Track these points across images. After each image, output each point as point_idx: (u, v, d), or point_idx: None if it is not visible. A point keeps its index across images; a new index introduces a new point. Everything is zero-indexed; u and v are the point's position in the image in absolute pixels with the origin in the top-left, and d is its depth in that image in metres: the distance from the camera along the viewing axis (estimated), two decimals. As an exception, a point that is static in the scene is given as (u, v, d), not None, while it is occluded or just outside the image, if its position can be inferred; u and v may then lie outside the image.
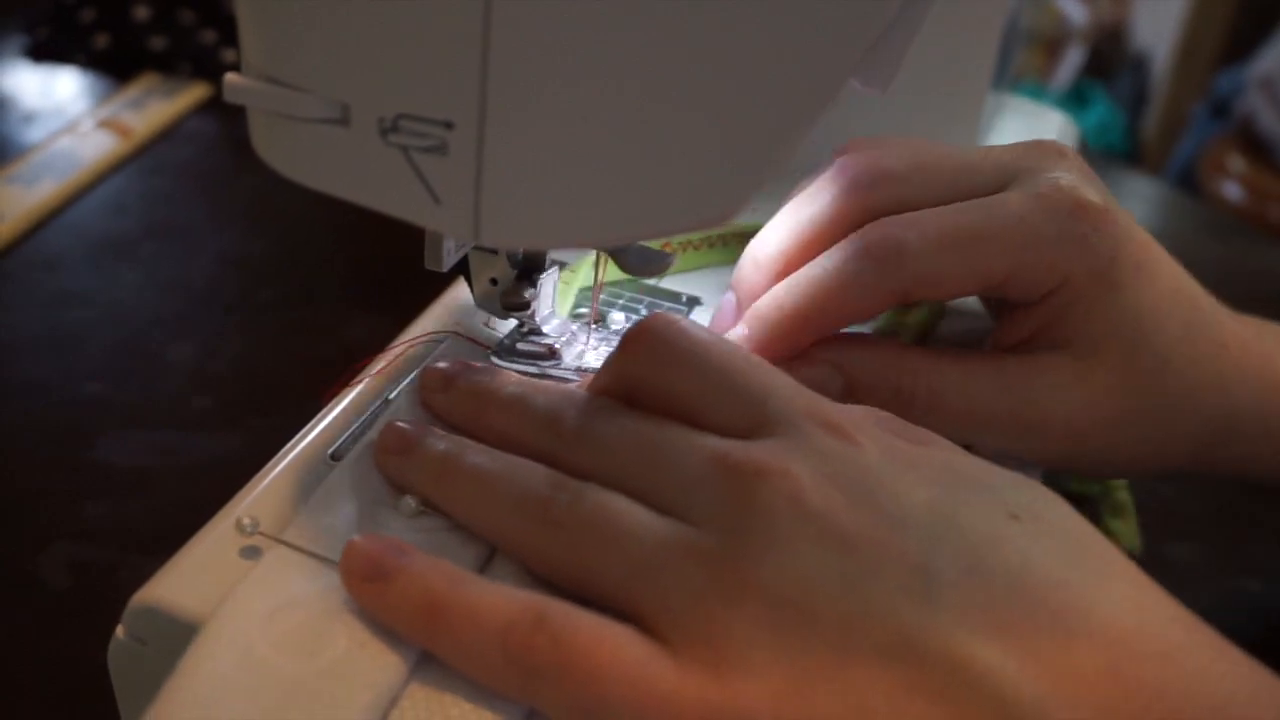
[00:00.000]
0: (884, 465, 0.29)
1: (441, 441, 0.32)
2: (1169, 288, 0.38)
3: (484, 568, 0.31)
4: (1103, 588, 0.28)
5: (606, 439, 0.31)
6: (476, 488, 0.31)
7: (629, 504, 0.29)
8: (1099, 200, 0.36)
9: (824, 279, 0.36)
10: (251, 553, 0.31)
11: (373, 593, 0.29)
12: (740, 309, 0.40)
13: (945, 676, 0.25)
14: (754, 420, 0.30)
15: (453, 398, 0.35)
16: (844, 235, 0.37)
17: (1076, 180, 0.37)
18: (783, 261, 0.39)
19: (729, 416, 0.30)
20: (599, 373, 0.34)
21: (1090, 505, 0.51)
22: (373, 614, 0.29)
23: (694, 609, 0.27)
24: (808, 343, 0.38)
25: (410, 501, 0.32)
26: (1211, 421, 0.39)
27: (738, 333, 0.38)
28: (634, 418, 0.31)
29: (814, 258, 0.38)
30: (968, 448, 0.39)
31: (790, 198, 0.40)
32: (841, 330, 0.38)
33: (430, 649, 0.28)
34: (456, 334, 0.41)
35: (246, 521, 0.31)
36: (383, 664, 0.28)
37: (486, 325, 0.42)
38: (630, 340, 0.32)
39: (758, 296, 0.39)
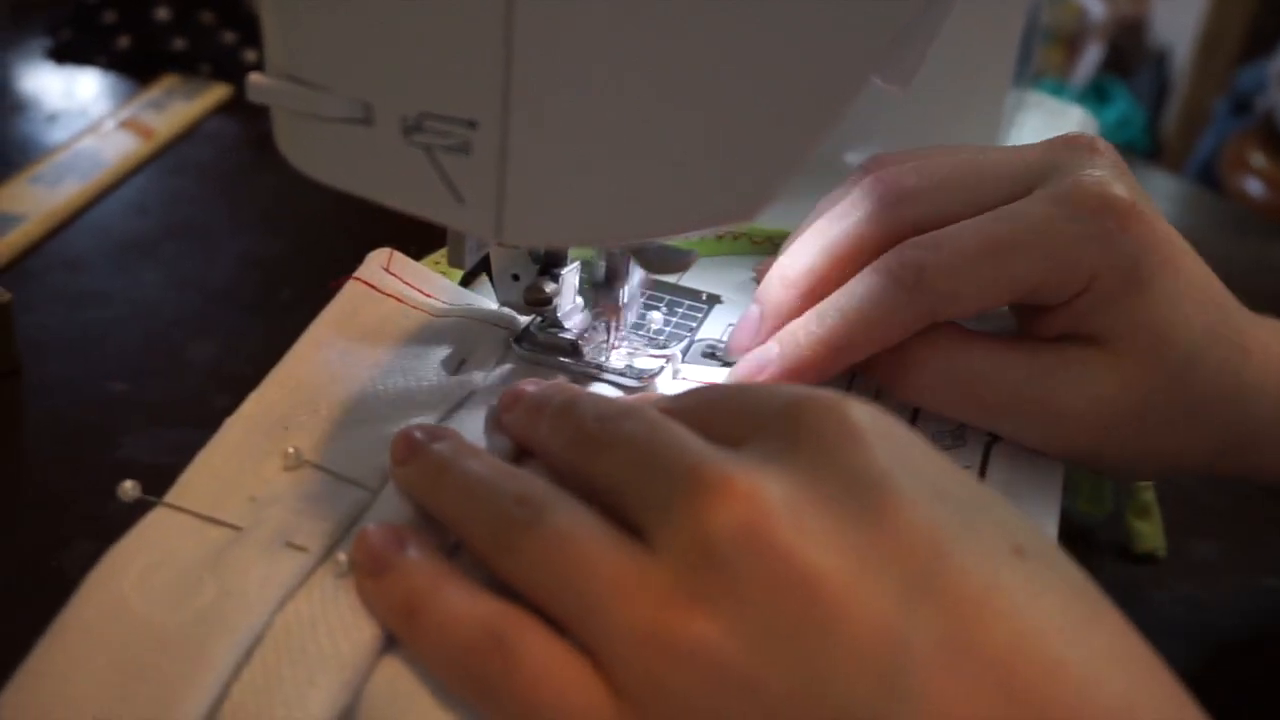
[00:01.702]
0: (889, 472, 0.27)
1: (442, 447, 0.32)
2: (1196, 286, 0.38)
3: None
4: (1101, 671, 0.25)
5: (613, 440, 0.30)
6: (461, 497, 0.31)
7: (593, 526, 0.28)
8: (1126, 195, 0.36)
9: (852, 309, 0.36)
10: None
11: (368, 589, 0.29)
12: (764, 324, 0.40)
13: None
14: (748, 422, 0.29)
15: (515, 415, 0.35)
16: (872, 254, 0.37)
17: (1107, 175, 0.37)
18: (811, 280, 0.39)
19: (729, 424, 0.29)
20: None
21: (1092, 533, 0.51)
22: (370, 610, 0.29)
23: (634, 660, 0.25)
24: (838, 370, 0.38)
25: (291, 450, 0.33)
26: (1233, 426, 0.39)
27: (769, 351, 0.38)
28: (652, 423, 0.30)
29: (842, 276, 0.38)
30: (993, 441, 0.39)
31: (815, 214, 0.40)
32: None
33: (410, 648, 0.28)
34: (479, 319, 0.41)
35: (129, 485, 0.32)
36: (249, 609, 0.28)
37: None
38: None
39: (784, 314, 0.39)
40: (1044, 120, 0.72)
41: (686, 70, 0.25)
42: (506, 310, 0.42)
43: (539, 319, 0.41)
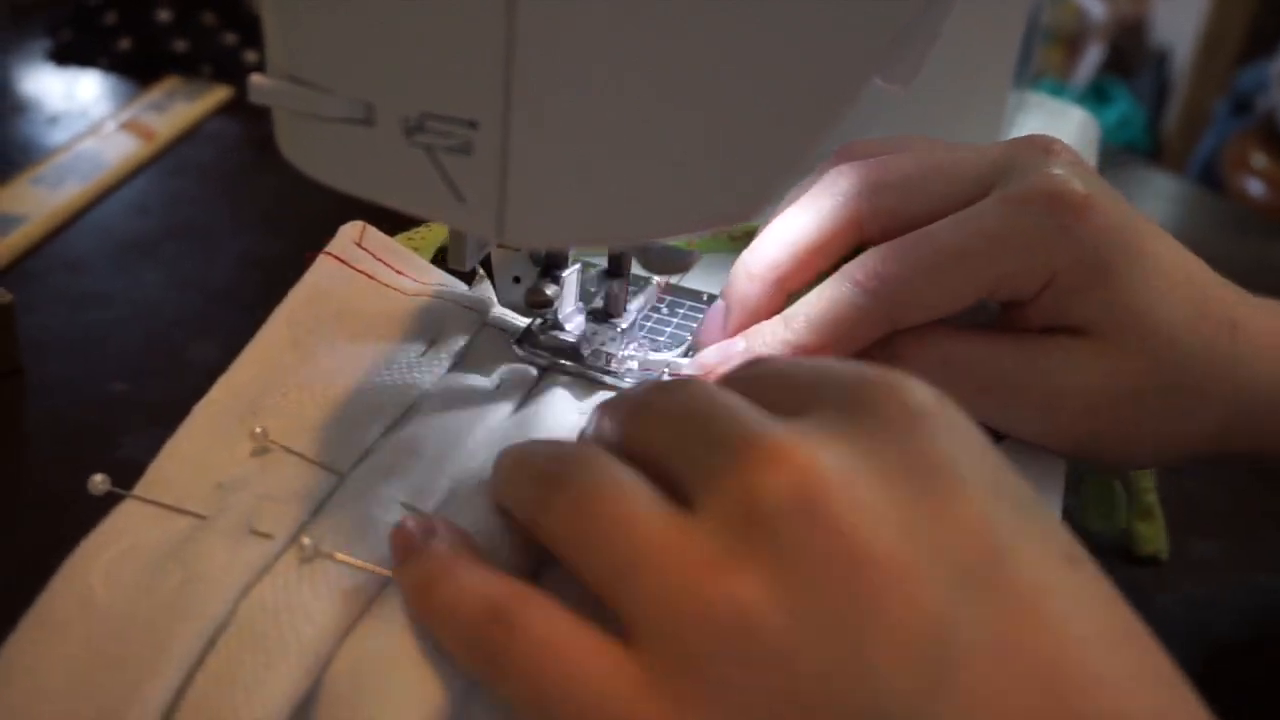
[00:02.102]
0: (952, 459, 0.26)
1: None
2: (1171, 269, 0.38)
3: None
4: (1135, 688, 0.24)
5: (666, 407, 0.29)
6: (507, 463, 0.31)
7: (633, 486, 0.27)
8: (1080, 189, 0.36)
9: (818, 316, 0.37)
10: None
11: (397, 575, 0.29)
12: (731, 318, 0.40)
13: None
14: (806, 396, 0.28)
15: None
16: (835, 249, 0.38)
17: (1063, 173, 0.37)
18: (775, 274, 0.39)
19: (787, 396, 0.28)
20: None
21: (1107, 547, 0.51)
22: (405, 600, 0.29)
23: (662, 622, 0.24)
24: None
25: (258, 430, 0.33)
26: (1230, 402, 0.39)
27: (735, 345, 0.38)
28: (708, 390, 0.29)
29: (805, 270, 0.38)
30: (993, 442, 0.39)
31: (786, 201, 0.40)
32: None
33: (426, 627, 0.28)
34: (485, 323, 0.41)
35: (98, 479, 0.32)
36: (212, 597, 0.28)
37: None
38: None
39: (750, 308, 0.39)
40: (1045, 121, 0.72)
41: (687, 70, 0.25)
42: (479, 292, 0.42)
43: (542, 322, 0.41)
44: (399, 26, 0.25)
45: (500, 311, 0.42)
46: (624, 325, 0.40)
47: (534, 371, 0.40)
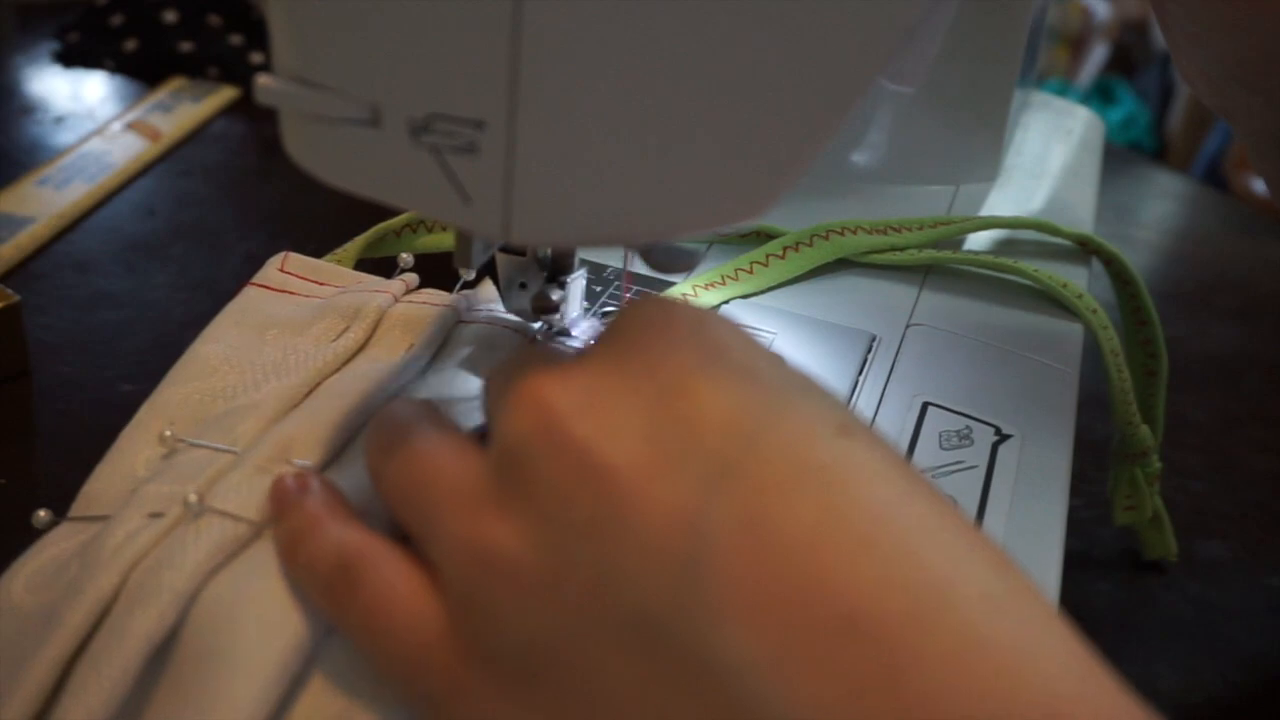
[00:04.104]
0: (693, 360, 0.25)
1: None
2: None
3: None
4: (914, 544, 0.23)
5: (499, 368, 0.30)
6: (372, 425, 0.31)
7: (444, 438, 0.28)
8: None
9: None
10: None
11: (274, 533, 0.30)
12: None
13: (690, 669, 0.22)
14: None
15: None
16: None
17: None
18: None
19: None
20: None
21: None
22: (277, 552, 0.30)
23: (453, 569, 0.26)
24: None
25: (167, 434, 0.34)
26: None
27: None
28: (536, 349, 0.31)
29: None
30: (1000, 440, 0.39)
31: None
32: None
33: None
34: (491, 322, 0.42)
35: (43, 514, 0.34)
36: (100, 572, 0.29)
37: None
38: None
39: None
40: (1050, 120, 0.72)
41: (693, 70, 0.25)
42: (398, 280, 0.42)
43: (548, 327, 0.41)
44: (405, 27, 0.25)
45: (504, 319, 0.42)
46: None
47: None
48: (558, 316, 0.39)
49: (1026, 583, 0.23)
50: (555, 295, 0.38)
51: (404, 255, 0.44)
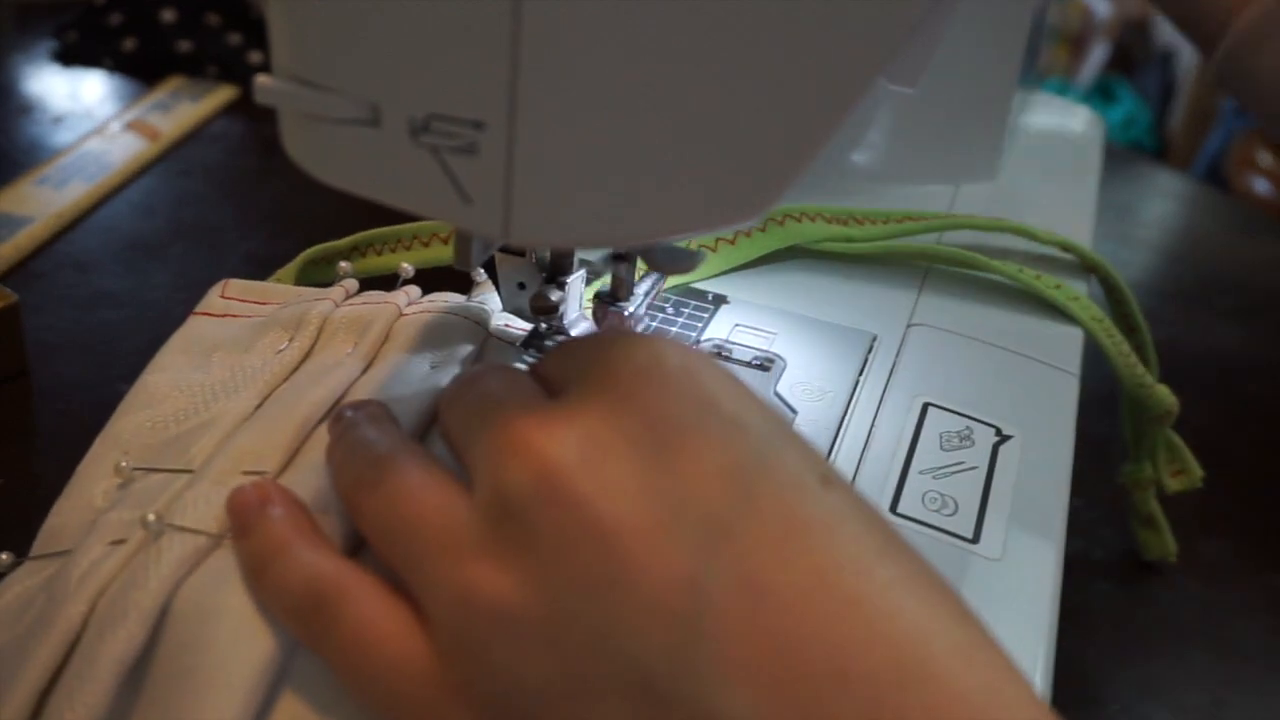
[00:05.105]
0: (687, 411, 0.26)
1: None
2: None
3: None
4: (894, 601, 0.24)
5: (468, 393, 0.30)
6: (342, 450, 0.31)
7: (436, 480, 0.28)
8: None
9: None
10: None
11: (237, 549, 0.30)
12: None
13: None
14: (576, 370, 0.29)
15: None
16: None
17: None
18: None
19: (565, 373, 0.29)
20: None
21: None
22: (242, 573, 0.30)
23: (444, 614, 0.26)
24: None
25: (123, 464, 0.34)
26: None
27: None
28: (505, 377, 0.30)
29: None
30: (1000, 440, 0.39)
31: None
32: None
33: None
34: (488, 334, 0.41)
35: (4, 557, 0.34)
36: (67, 603, 0.29)
37: (507, 327, 0.42)
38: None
39: None
40: (1051, 119, 0.72)
41: (694, 71, 0.25)
42: (338, 286, 0.43)
43: (547, 328, 0.41)
44: (405, 28, 0.25)
45: (501, 320, 0.42)
46: (630, 309, 0.40)
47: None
48: (557, 316, 0.39)
49: (987, 633, 0.25)
50: (554, 296, 0.38)
51: (404, 265, 0.44)
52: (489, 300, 0.44)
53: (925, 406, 0.42)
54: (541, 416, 0.26)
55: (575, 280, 0.39)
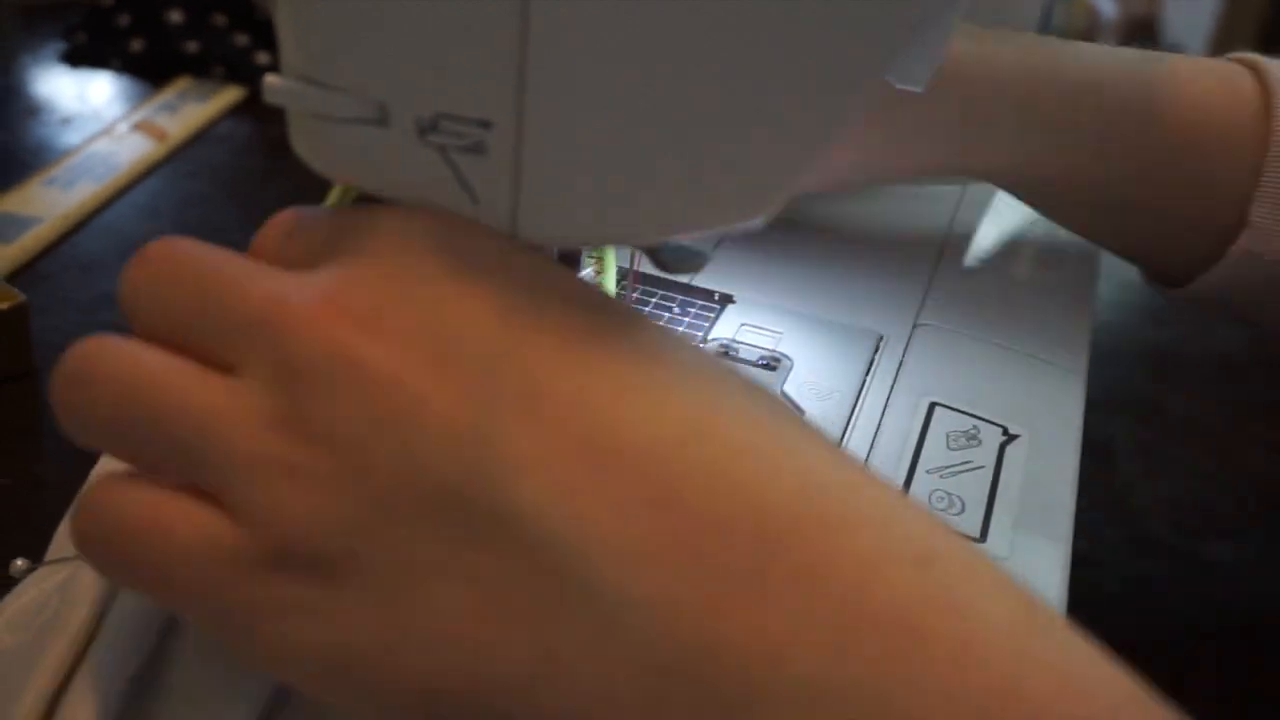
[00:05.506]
0: (450, 274, 0.26)
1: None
2: None
3: None
4: (673, 381, 0.26)
5: (164, 273, 0.30)
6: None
7: (168, 363, 0.27)
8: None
9: None
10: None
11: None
12: None
13: (492, 524, 0.24)
14: (311, 245, 0.29)
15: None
16: None
17: None
18: None
19: (296, 248, 0.29)
20: None
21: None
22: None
23: (247, 486, 0.25)
24: None
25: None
26: None
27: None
28: (212, 249, 0.29)
29: None
30: (1007, 440, 0.39)
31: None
32: None
33: None
34: None
35: (20, 563, 0.34)
36: (82, 609, 0.30)
37: None
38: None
39: None
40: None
41: (702, 71, 0.25)
42: None
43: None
44: (412, 27, 0.25)
45: None
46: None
47: None
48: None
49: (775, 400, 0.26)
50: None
51: None
52: None
53: (932, 406, 0.42)
54: (312, 286, 0.26)
55: (583, 276, 0.39)
